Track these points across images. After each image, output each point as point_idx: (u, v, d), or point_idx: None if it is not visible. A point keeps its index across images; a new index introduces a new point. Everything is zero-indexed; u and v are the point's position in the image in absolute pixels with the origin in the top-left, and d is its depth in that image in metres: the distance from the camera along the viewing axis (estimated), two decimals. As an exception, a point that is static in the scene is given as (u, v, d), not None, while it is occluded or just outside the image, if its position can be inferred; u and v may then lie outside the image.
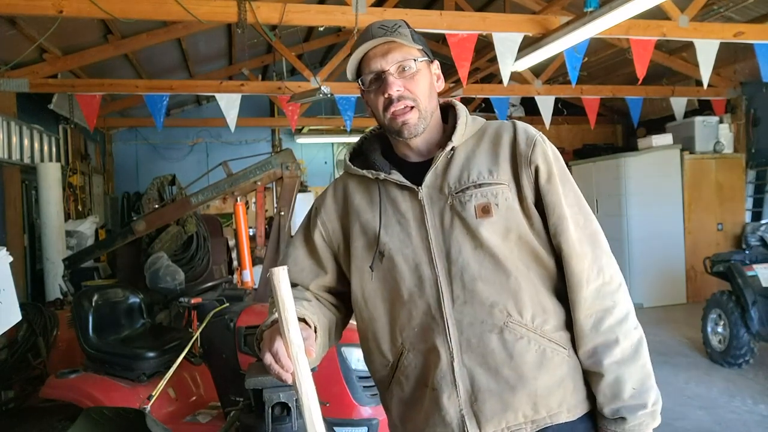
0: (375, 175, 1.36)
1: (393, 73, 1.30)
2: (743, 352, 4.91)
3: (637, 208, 7.88)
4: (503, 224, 1.26)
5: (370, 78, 1.33)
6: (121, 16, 4.44)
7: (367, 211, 1.37)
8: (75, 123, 7.62)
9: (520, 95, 8.65)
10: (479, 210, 1.27)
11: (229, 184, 4.20)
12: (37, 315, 4.20)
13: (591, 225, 1.31)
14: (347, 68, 1.36)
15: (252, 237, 5.66)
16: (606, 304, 1.26)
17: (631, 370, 1.24)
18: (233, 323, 3.01)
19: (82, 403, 2.98)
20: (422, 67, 1.33)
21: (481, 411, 1.24)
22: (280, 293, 1.10)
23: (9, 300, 2.69)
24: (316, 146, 11.81)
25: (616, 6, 4.23)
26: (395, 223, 1.33)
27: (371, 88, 1.34)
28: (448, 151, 1.33)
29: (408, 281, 1.30)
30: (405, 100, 1.30)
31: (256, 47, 8.60)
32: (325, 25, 5.22)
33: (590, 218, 1.32)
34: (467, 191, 1.28)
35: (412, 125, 1.31)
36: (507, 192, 1.28)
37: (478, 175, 1.29)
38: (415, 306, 1.29)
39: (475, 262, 1.26)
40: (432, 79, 1.37)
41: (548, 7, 6.40)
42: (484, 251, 1.26)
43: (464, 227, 1.27)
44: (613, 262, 1.30)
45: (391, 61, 1.30)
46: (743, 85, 7.89)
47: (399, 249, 1.32)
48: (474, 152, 1.33)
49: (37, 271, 6.39)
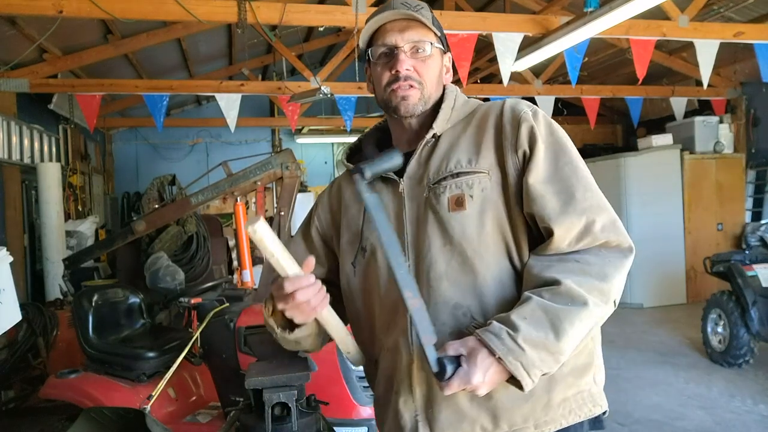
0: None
1: (406, 52, 1.25)
2: (743, 352, 4.91)
3: (637, 208, 7.88)
4: (477, 217, 1.17)
5: (381, 51, 1.27)
6: (121, 16, 4.44)
7: (354, 206, 1.34)
8: (75, 123, 7.62)
9: (520, 95, 8.62)
10: (452, 202, 1.19)
11: (229, 184, 4.20)
12: (37, 315, 4.19)
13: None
14: (360, 35, 1.30)
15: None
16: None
17: (556, 313, 1.06)
18: (233, 323, 3.01)
19: (82, 403, 2.97)
20: (436, 53, 1.29)
21: (436, 419, 1.18)
22: (266, 242, 1.10)
23: (9, 300, 2.69)
24: (316, 146, 11.81)
25: (616, 6, 4.23)
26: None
27: (379, 61, 1.28)
28: (429, 137, 1.26)
29: (383, 278, 1.25)
30: (411, 80, 1.25)
31: (256, 47, 8.60)
32: (325, 25, 5.22)
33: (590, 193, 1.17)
34: (443, 182, 1.21)
35: (410, 103, 1.26)
36: (486, 181, 1.19)
37: (456, 164, 1.21)
38: (386, 303, 1.25)
39: (442, 259, 1.18)
40: (441, 68, 1.32)
41: (548, 7, 6.41)
42: (453, 248, 1.18)
43: (436, 221, 1.20)
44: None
45: (407, 38, 1.25)
46: (743, 85, 7.89)
47: (378, 244, 1.26)
48: (459, 138, 1.26)
49: (37, 271, 6.39)
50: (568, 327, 1.06)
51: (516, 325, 1.05)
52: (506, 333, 1.05)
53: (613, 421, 4.02)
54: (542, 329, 1.05)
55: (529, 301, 1.08)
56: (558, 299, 1.07)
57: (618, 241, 1.14)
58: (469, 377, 1.04)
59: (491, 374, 1.06)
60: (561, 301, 1.07)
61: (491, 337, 1.05)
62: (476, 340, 1.07)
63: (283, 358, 1.62)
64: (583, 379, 1.20)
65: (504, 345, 1.04)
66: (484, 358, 1.05)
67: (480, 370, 1.04)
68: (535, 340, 1.04)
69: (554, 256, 1.13)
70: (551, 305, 1.07)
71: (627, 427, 3.94)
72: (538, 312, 1.06)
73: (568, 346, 1.07)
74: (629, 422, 4.00)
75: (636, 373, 5.06)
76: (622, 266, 1.14)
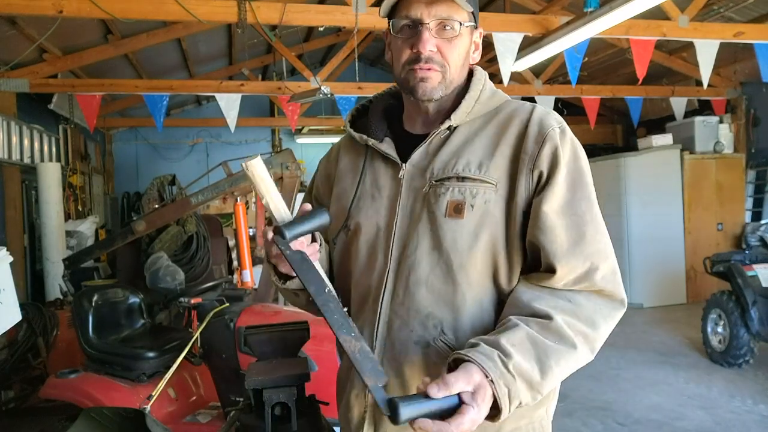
0: (365, 140, 1.23)
1: (431, 29, 1.12)
2: (743, 352, 4.91)
3: (637, 208, 7.88)
4: (473, 230, 1.09)
5: (403, 23, 1.14)
6: (121, 17, 4.44)
7: (348, 177, 1.27)
8: (75, 123, 7.63)
9: (520, 95, 8.62)
10: (451, 208, 1.10)
11: (229, 184, 4.20)
12: (37, 315, 4.19)
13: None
14: (383, 4, 1.15)
15: (252, 237, 5.65)
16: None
17: (544, 349, 1.00)
18: (233, 323, 3.01)
19: (82, 403, 2.97)
20: (465, 32, 1.16)
21: (382, 421, 1.12)
22: (259, 180, 1.08)
23: (9, 300, 2.69)
24: (316, 146, 11.80)
25: (616, 6, 4.23)
26: (368, 197, 1.21)
27: (400, 35, 1.15)
28: (444, 129, 1.16)
29: (361, 261, 1.19)
30: (433, 63, 1.13)
31: (256, 47, 8.60)
32: (325, 25, 5.22)
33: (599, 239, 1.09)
34: (446, 182, 1.12)
35: (429, 87, 1.14)
36: (491, 193, 1.10)
37: (465, 167, 1.12)
38: (359, 290, 1.20)
39: (427, 263, 1.11)
40: (470, 48, 1.19)
41: (548, 7, 6.41)
42: (441, 255, 1.10)
43: (430, 222, 1.12)
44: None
45: (434, 14, 1.11)
46: (743, 85, 7.89)
47: (363, 225, 1.20)
48: (475, 136, 1.15)
49: (37, 271, 6.39)
50: (554, 365, 1.00)
51: (508, 351, 0.98)
52: (498, 356, 0.97)
53: (613, 421, 4.03)
54: (529, 361, 0.98)
55: (517, 329, 1.01)
56: (547, 335, 1.01)
57: (613, 292, 1.08)
58: (480, 416, 0.92)
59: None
60: (550, 338, 1.01)
61: (484, 359, 0.96)
62: (481, 373, 0.94)
63: (283, 359, 1.62)
64: (537, 411, 1.16)
65: (497, 368, 0.95)
66: (488, 396, 0.94)
67: (486, 407, 0.94)
68: (523, 370, 0.97)
69: (546, 288, 1.07)
70: (540, 339, 1.00)
71: (627, 427, 3.94)
72: (526, 344, 0.99)
73: (549, 386, 1.01)
74: (629, 422, 4.00)
75: (636, 373, 5.06)
76: (611, 318, 1.08)
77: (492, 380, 0.94)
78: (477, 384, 0.93)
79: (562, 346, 1.01)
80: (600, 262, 1.07)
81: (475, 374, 0.93)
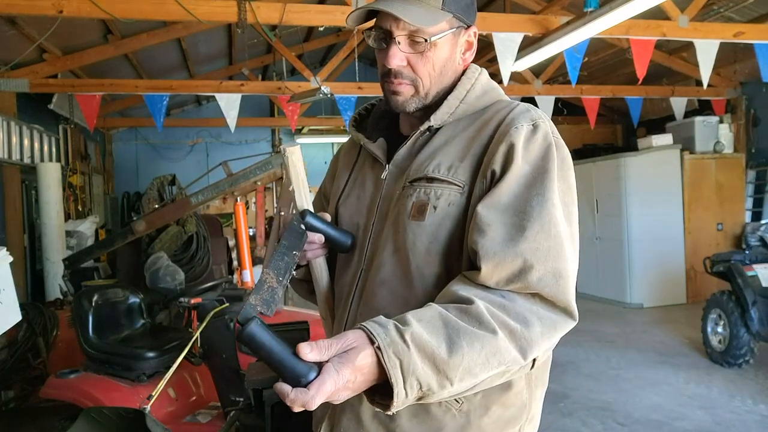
0: (359, 140, 1.24)
1: (400, 43, 1.08)
2: (743, 352, 4.91)
3: (637, 208, 7.88)
4: (432, 232, 1.04)
5: (374, 35, 1.11)
6: (121, 16, 4.45)
7: (343, 175, 1.27)
8: (75, 123, 7.63)
9: (520, 95, 8.64)
10: (415, 209, 1.06)
11: (229, 184, 4.20)
12: (37, 315, 4.20)
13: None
14: (351, 14, 1.11)
15: (252, 237, 5.66)
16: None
17: (456, 328, 0.89)
18: (233, 323, 3.01)
19: (82, 403, 2.98)
20: (442, 41, 1.09)
21: (340, 421, 1.11)
22: (294, 168, 1.15)
23: (9, 300, 2.69)
24: (316, 146, 11.82)
25: (616, 6, 4.23)
26: (354, 196, 1.21)
27: (376, 46, 1.13)
28: (423, 130, 1.13)
29: (342, 261, 1.20)
30: (402, 77, 1.10)
31: (256, 47, 8.60)
32: (325, 25, 5.22)
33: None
34: (416, 183, 1.08)
35: (401, 100, 1.12)
36: (455, 195, 1.04)
37: (436, 168, 1.07)
38: (338, 287, 1.20)
39: (390, 265, 1.08)
40: (453, 53, 1.13)
41: (548, 7, 6.41)
42: (401, 257, 1.07)
43: (394, 224, 1.09)
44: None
45: (402, 27, 1.06)
46: (743, 85, 7.89)
47: (347, 224, 1.19)
48: (454, 138, 1.11)
49: (37, 271, 6.39)
50: (466, 345, 0.87)
51: (407, 320, 0.88)
52: (393, 325, 0.87)
53: (613, 421, 4.03)
54: (435, 337, 0.87)
55: (430, 308, 0.92)
56: (464, 318, 0.90)
57: (554, 298, 0.95)
58: (341, 379, 0.83)
59: (363, 373, 0.85)
60: (467, 321, 0.90)
61: (375, 326, 0.87)
62: (363, 337, 0.86)
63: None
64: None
65: (387, 335, 0.85)
66: (365, 364, 0.84)
67: (353, 373, 0.84)
68: (424, 343, 0.85)
69: (480, 286, 0.95)
70: (454, 320, 0.89)
71: (627, 427, 3.94)
72: (437, 321, 0.89)
73: (459, 370, 0.87)
74: (629, 422, 4.00)
75: (636, 373, 5.07)
76: (552, 327, 0.94)
77: (379, 347, 0.84)
78: (350, 345, 0.84)
79: (480, 330, 0.88)
80: (536, 262, 0.94)
81: (352, 336, 0.85)
